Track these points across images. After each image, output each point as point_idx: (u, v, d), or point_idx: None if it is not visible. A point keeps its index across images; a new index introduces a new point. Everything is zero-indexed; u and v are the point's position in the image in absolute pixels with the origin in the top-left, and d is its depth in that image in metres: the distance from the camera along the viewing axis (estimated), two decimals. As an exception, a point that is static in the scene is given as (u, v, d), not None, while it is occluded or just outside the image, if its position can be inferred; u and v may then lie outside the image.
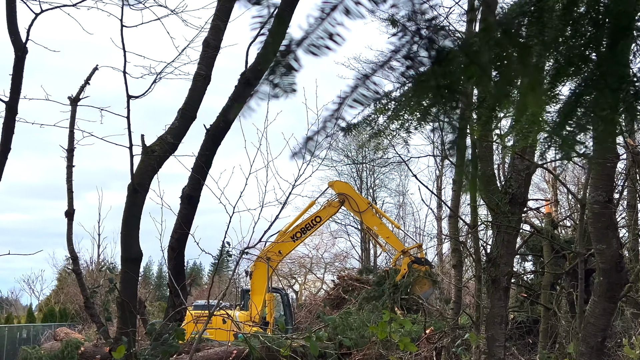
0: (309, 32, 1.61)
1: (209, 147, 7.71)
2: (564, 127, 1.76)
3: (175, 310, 7.37)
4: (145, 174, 7.59)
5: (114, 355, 5.27)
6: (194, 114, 7.93)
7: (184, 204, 7.71)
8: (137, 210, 7.57)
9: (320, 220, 21.10)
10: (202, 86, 7.93)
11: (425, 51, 1.64)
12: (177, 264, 7.82)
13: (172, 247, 7.71)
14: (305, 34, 1.62)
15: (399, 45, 1.67)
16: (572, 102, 1.71)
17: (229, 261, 8.15)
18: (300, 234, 20.73)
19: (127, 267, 7.50)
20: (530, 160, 6.90)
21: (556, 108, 1.78)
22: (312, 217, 20.96)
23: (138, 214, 7.59)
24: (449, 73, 1.67)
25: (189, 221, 7.69)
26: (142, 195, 7.54)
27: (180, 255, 7.79)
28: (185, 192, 7.69)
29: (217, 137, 7.69)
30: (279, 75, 1.69)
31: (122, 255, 7.62)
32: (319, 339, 5.62)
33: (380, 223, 21.75)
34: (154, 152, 7.60)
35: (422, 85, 1.72)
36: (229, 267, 65.70)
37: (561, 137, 1.78)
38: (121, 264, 7.68)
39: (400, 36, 1.66)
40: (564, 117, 1.74)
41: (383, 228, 21.68)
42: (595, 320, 5.73)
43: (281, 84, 1.68)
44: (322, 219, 21.17)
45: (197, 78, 7.90)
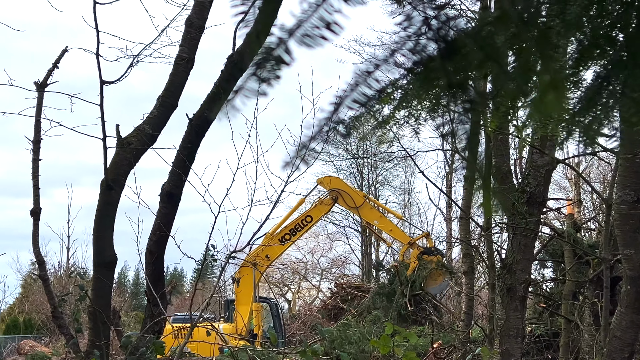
0: (302, 20, 1.58)
1: (192, 139, 7.71)
2: (587, 113, 1.76)
3: (153, 321, 7.37)
4: (120, 169, 7.59)
5: (84, 371, 5.28)
6: (175, 101, 7.93)
7: (163, 203, 7.71)
8: (111, 209, 7.57)
9: (311, 220, 20.95)
10: (185, 71, 7.92)
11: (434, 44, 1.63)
12: (155, 270, 7.82)
13: (151, 250, 7.71)
14: (297, 22, 1.59)
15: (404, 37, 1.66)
16: (596, 87, 1.71)
17: (214, 266, 8.17)
18: (289, 236, 20.60)
19: (100, 273, 7.50)
20: (550, 155, 6.91)
21: (578, 94, 1.78)
22: (302, 217, 20.78)
23: (112, 213, 7.59)
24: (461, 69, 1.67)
25: (169, 221, 7.70)
26: (116, 192, 7.54)
27: (159, 259, 7.80)
28: (165, 189, 7.69)
29: (201, 127, 7.69)
30: (267, 70, 1.67)
31: (94, 259, 7.63)
32: (314, 353, 5.63)
33: (380, 216, 21.71)
34: (131, 145, 7.60)
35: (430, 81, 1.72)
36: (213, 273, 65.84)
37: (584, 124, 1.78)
38: (93, 270, 7.69)
39: (405, 26, 1.65)
40: (587, 102, 1.74)
41: (384, 221, 21.67)
42: (622, 333, 5.75)
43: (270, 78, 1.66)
44: (313, 219, 21.04)
45: (178, 62, 7.89)
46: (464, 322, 11.95)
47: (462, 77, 1.69)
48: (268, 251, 19.73)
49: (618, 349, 5.78)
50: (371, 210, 21.39)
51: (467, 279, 12.19)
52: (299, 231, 20.87)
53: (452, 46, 1.63)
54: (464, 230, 12.44)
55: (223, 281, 33.89)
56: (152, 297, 7.48)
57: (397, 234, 22.03)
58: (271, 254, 20.46)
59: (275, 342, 6.13)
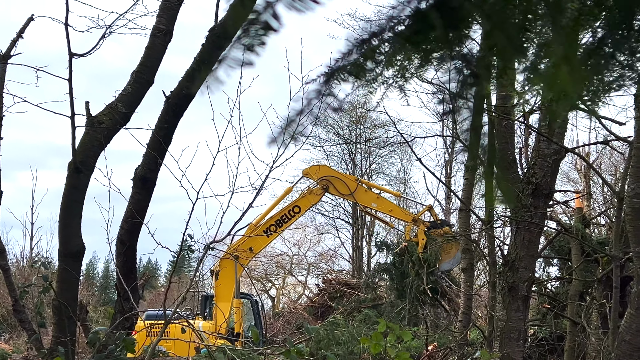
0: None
1: (169, 118, 7.67)
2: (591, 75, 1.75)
3: (124, 316, 7.36)
4: (90, 150, 7.55)
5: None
6: (151, 78, 7.88)
7: (137, 188, 7.68)
8: (80, 194, 7.54)
9: (299, 211, 21.05)
10: (162, 44, 7.87)
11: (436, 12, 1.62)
12: (127, 261, 7.80)
13: (122, 239, 7.69)
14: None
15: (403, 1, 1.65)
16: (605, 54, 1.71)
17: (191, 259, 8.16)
18: (275, 228, 20.67)
19: (66, 264, 7.47)
20: (558, 143, 6.93)
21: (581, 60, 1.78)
22: (290, 208, 20.88)
23: (80, 198, 7.55)
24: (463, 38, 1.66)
25: (142, 208, 7.67)
26: (85, 175, 7.50)
27: (131, 249, 7.78)
28: (139, 173, 7.66)
29: (178, 106, 7.66)
30: (253, 37, 1.65)
31: (60, 248, 7.60)
32: (299, 353, 5.64)
33: (377, 197, 21.83)
34: (101, 124, 7.56)
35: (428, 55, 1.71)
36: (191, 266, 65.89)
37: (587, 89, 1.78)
38: (59, 260, 7.65)
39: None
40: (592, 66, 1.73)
41: (382, 202, 21.75)
42: (632, 337, 5.79)
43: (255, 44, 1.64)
44: (301, 210, 21.16)
45: (155, 34, 7.84)
46: (462, 322, 12.03)
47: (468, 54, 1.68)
48: (251, 243, 19.77)
49: (627, 354, 5.82)
50: (366, 193, 21.58)
51: (465, 277, 12.26)
52: (285, 222, 20.95)
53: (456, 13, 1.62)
54: (463, 224, 12.49)
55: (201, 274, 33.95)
56: (122, 291, 7.46)
57: (398, 213, 22.26)
58: (255, 247, 20.50)
59: (257, 340, 6.14)
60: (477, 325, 12.57)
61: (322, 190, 21.03)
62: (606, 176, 25.32)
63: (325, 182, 20.79)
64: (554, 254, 15.61)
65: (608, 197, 22.26)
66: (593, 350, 11.66)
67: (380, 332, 5.96)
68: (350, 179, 21.86)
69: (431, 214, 22.56)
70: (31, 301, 19.98)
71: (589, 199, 19.80)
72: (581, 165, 21.22)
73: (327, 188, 20.96)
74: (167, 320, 6.41)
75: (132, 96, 7.78)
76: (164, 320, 6.70)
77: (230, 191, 6.89)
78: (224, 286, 19.88)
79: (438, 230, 20.62)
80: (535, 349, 14.72)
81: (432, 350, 13.36)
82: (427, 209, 22.70)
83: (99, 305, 42.48)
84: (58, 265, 7.72)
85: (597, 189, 25.55)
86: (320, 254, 43.59)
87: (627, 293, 11.47)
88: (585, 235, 14.21)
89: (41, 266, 9.16)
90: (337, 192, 21.32)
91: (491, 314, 9.55)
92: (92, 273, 73.31)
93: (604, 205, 21.59)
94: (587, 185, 21.10)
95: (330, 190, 21.10)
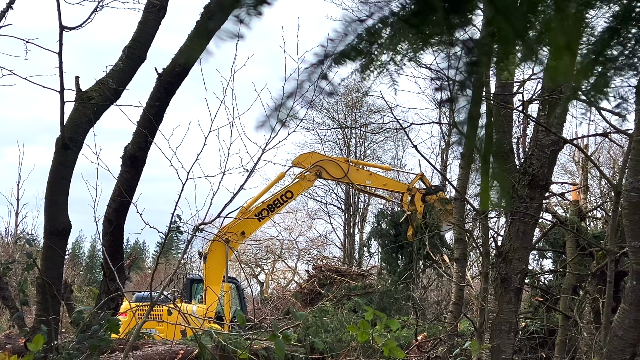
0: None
1: (161, 96, 7.64)
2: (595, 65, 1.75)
3: (109, 296, 7.36)
4: (78, 126, 7.52)
5: (29, 348, 5.27)
6: (143, 54, 7.85)
7: (126, 166, 7.66)
8: (67, 171, 7.51)
9: (292, 196, 21.58)
10: (155, 20, 7.83)
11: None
12: (114, 240, 7.79)
13: (109, 219, 7.68)
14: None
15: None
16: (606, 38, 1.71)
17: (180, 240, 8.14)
18: (267, 212, 21.06)
19: (52, 241, 7.46)
20: (557, 134, 6.93)
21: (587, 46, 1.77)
22: (282, 193, 21.32)
23: (68, 176, 7.53)
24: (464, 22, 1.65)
25: (131, 187, 7.65)
26: (73, 152, 7.47)
27: (118, 229, 7.77)
28: (129, 152, 7.64)
29: (171, 84, 7.62)
30: (247, 9, 1.64)
31: (45, 226, 7.58)
32: (286, 339, 5.65)
33: (370, 174, 22.81)
34: (91, 100, 7.52)
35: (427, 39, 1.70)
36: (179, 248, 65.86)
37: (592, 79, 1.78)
38: (44, 237, 7.64)
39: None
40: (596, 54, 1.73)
41: (375, 177, 22.75)
42: (624, 333, 5.82)
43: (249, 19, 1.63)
44: (293, 195, 21.63)
45: (149, 9, 7.80)
46: (452, 313, 12.06)
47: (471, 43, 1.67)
48: (243, 227, 20.09)
49: (619, 350, 5.85)
50: (359, 172, 22.52)
51: (458, 267, 12.29)
52: (277, 207, 21.46)
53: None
54: (457, 213, 12.50)
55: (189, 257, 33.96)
56: (108, 271, 7.46)
57: (392, 185, 23.57)
58: (247, 230, 20.90)
59: (243, 324, 6.13)
60: (467, 317, 12.61)
61: (314, 176, 21.48)
62: (604, 169, 25.38)
63: (318, 168, 21.16)
64: (549, 246, 15.66)
65: (605, 191, 22.34)
66: (584, 344, 11.72)
67: (367, 320, 5.97)
68: (341, 162, 22.48)
69: (423, 181, 23.49)
70: (15, 279, 19.97)
71: (585, 191, 19.82)
72: (579, 158, 21.21)
73: (319, 174, 21.42)
74: (153, 302, 6.39)
75: (124, 72, 7.75)
76: (150, 302, 6.69)
77: (221, 172, 6.85)
78: (213, 269, 20.06)
79: (433, 196, 21.76)
80: (526, 342, 14.79)
81: (421, 340, 13.43)
82: (419, 177, 23.48)
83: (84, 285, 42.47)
84: (43, 243, 7.70)
85: (594, 182, 25.61)
86: (311, 240, 43.66)
87: (620, 288, 11.54)
88: (580, 229, 14.25)
89: (25, 243, 9.11)
90: (330, 176, 21.90)
91: (482, 305, 9.58)
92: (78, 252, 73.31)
93: (600, 198, 21.67)
94: (584, 177, 21.10)
95: (323, 176, 21.59)
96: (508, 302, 6.82)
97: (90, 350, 5.86)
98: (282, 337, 5.60)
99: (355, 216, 42.94)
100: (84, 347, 5.88)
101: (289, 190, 21.40)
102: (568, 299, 12.29)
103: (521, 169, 7.06)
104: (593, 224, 19.65)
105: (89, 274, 58.51)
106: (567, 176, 31.24)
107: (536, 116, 7.36)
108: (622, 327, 5.83)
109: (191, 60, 6.82)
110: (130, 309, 8.61)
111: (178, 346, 12.79)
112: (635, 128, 6.00)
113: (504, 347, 6.79)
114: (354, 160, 25.38)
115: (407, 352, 12.34)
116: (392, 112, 24.19)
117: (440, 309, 21.05)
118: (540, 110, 7.19)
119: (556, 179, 26.87)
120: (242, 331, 9.22)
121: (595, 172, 22.07)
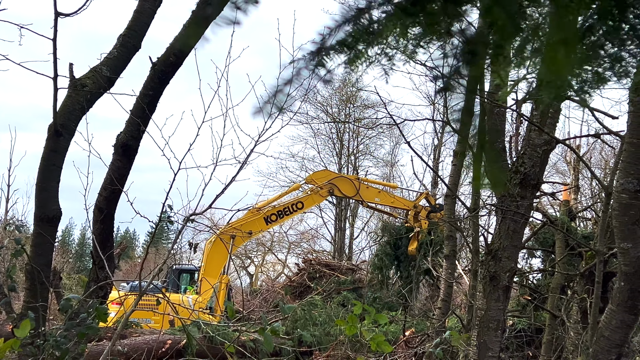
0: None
1: (155, 85, 7.62)
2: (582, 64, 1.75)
3: (98, 284, 7.35)
4: (71, 113, 7.49)
5: (16, 334, 5.25)
6: (138, 42, 7.81)
7: (117, 155, 7.64)
8: (59, 158, 7.48)
9: (302, 207, 22.78)
10: (151, 9, 7.80)
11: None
12: (104, 229, 7.77)
13: (100, 207, 7.66)
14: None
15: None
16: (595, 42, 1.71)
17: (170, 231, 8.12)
18: (276, 217, 22.08)
19: (42, 228, 7.43)
20: (549, 133, 6.94)
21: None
22: (294, 202, 22.42)
23: (59, 163, 7.50)
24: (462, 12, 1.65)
25: (122, 176, 7.63)
26: (65, 139, 7.44)
27: (109, 217, 7.75)
28: (121, 140, 7.62)
29: (165, 73, 7.60)
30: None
31: (36, 212, 7.54)
32: (274, 332, 5.65)
33: (379, 192, 23.64)
34: (85, 87, 7.49)
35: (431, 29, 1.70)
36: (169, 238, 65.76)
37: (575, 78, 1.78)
38: (34, 224, 7.60)
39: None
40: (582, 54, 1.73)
41: (384, 195, 23.60)
42: (611, 333, 5.84)
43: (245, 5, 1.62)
44: (304, 207, 22.88)
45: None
46: (441, 309, 12.09)
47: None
48: (251, 227, 20.92)
49: (605, 350, 5.87)
50: (368, 190, 23.39)
51: (447, 263, 12.31)
52: (286, 215, 22.50)
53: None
54: (448, 210, 12.53)
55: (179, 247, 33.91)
56: (98, 259, 7.44)
57: (399, 203, 24.19)
58: (254, 230, 21.82)
59: (232, 316, 6.13)
60: (456, 313, 12.64)
61: (327, 193, 22.81)
62: (595, 170, 25.45)
63: (331, 186, 22.41)
64: (538, 245, 15.72)
65: (596, 191, 22.40)
66: (571, 344, 11.77)
67: (356, 314, 5.97)
68: (352, 179, 23.60)
69: (428, 200, 24.26)
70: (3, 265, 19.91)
71: (576, 192, 19.90)
72: (571, 158, 21.27)
73: (332, 191, 22.73)
74: (142, 291, 6.38)
75: (118, 60, 7.72)
76: (139, 291, 6.68)
77: (213, 163, 6.83)
78: (213, 261, 20.48)
79: (437, 214, 22.25)
80: (513, 339, 14.87)
81: (409, 336, 13.46)
82: (425, 195, 24.29)
83: (73, 273, 42.43)
84: (33, 229, 7.67)
85: (585, 183, 25.71)
86: (302, 233, 43.68)
87: (608, 289, 11.58)
88: (570, 229, 14.31)
89: (15, 229, 9.08)
90: (342, 194, 23.06)
91: (471, 303, 9.60)
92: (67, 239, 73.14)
93: (591, 199, 21.74)
94: (575, 178, 21.17)
95: (335, 193, 22.87)
96: (496, 299, 6.84)
97: (78, 337, 5.85)
98: (270, 330, 5.59)
99: (347, 211, 42.94)
100: (72, 335, 5.87)
101: (301, 201, 22.44)
102: (556, 299, 12.33)
103: (513, 167, 7.07)
104: (583, 224, 19.71)
105: (78, 261, 58.44)
106: (558, 176, 31.37)
107: (529, 115, 7.37)
108: (609, 328, 5.85)
109: (187, 46, 6.79)
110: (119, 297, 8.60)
111: (166, 336, 12.81)
112: (627, 130, 6.01)
113: (491, 345, 6.81)
114: (364, 179, 26.25)
115: (394, 347, 12.36)
116: (385, 108, 24.22)
117: (429, 304, 21.16)
118: (534, 109, 7.20)
119: (547, 178, 26.98)
120: (231, 323, 9.21)
121: (586, 172, 22.17)
